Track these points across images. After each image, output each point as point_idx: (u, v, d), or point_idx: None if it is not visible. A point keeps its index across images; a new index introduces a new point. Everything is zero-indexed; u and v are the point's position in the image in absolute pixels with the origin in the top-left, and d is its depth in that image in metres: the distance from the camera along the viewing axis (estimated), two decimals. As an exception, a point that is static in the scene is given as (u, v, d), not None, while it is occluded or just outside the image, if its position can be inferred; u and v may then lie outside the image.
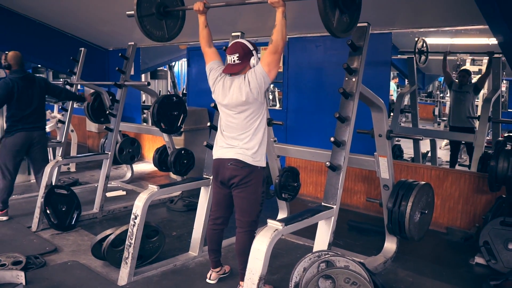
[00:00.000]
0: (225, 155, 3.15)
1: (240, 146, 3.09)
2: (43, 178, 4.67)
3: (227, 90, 3.08)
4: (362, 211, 5.38)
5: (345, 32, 2.85)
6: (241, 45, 3.02)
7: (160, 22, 3.70)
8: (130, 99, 8.15)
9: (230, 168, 3.11)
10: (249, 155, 3.08)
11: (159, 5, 3.65)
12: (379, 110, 3.46)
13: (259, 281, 2.61)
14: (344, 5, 2.69)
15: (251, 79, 2.97)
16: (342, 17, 2.76)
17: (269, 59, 2.94)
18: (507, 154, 3.92)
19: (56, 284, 3.43)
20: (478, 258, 3.96)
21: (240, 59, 3.00)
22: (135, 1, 3.48)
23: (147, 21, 3.60)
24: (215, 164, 3.25)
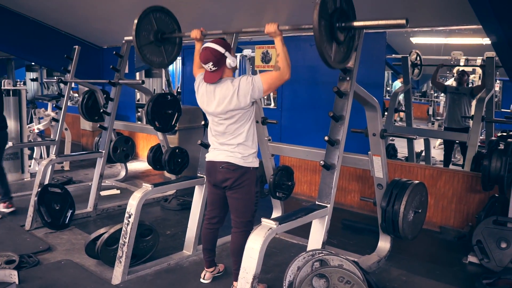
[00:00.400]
0: (217, 158, 3.14)
1: (231, 150, 3.09)
2: (37, 176, 4.66)
3: (211, 97, 3.07)
4: (356, 210, 5.39)
5: (343, 63, 2.88)
6: (212, 52, 2.96)
7: (158, 49, 3.81)
8: (124, 98, 8.12)
9: (222, 171, 3.11)
10: (240, 158, 3.08)
11: (157, 33, 3.75)
12: (373, 109, 3.47)
13: (253, 280, 2.61)
14: (339, 37, 2.71)
15: (243, 86, 2.94)
16: (340, 48, 2.79)
17: (273, 81, 2.96)
18: (500, 154, 3.94)
19: (49, 283, 3.41)
20: (471, 257, 3.98)
21: (215, 65, 2.98)
22: (133, 32, 3.54)
23: (147, 49, 3.71)
24: (207, 166, 3.26)
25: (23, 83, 13.05)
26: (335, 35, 2.68)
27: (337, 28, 2.67)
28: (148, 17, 3.69)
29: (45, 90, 12.73)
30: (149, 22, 3.70)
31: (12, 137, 6.42)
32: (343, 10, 2.73)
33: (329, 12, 2.62)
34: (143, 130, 5.96)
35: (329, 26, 2.64)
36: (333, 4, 2.66)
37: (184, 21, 3.83)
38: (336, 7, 2.68)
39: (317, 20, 2.50)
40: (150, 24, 3.70)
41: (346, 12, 2.75)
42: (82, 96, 6.17)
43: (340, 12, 2.70)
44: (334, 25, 2.65)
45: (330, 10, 2.63)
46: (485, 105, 5.71)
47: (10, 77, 12.37)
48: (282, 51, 2.90)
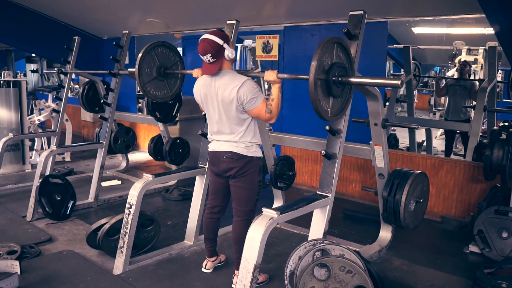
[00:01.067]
0: (220, 148, 3.14)
1: (234, 139, 3.09)
2: (37, 167, 4.66)
3: (211, 89, 3.07)
4: (358, 200, 5.39)
5: (340, 114, 2.86)
6: (210, 43, 2.93)
7: (162, 83, 3.80)
8: (125, 89, 8.10)
9: (225, 161, 3.11)
10: (244, 147, 3.09)
11: (159, 68, 3.74)
12: (374, 99, 3.45)
13: (254, 270, 2.61)
14: (336, 91, 2.68)
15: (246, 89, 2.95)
16: (337, 101, 2.76)
17: (259, 115, 3.02)
18: (502, 143, 3.93)
19: (51, 273, 3.42)
20: (473, 246, 3.98)
21: (214, 57, 2.96)
22: (136, 74, 3.54)
23: (150, 85, 3.71)
24: (210, 156, 3.26)
25: (23, 75, 13.02)
26: (331, 91, 2.63)
27: (333, 83, 2.61)
28: (150, 54, 3.72)
29: (45, 81, 12.71)
30: (151, 59, 3.72)
31: (12, 128, 6.44)
32: (340, 64, 2.66)
33: (325, 70, 2.57)
34: (144, 120, 5.95)
35: (325, 84, 2.60)
36: (330, 59, 2.60)
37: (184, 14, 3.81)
38: (333, 63, 2.61)
39: (313, 81, 2.47)
40: (152, 61, 3.72)
41: (342, 66, 2.68)
42: (82, 87, 6.15)
43: (337, 66, 2.63)
44: (330, 81, 2.59)
45: (326, 67, 2.57)
46: (487, 94, 5.68)
47: (10, 69, 12.33)
48: (277, 97, 2.96)
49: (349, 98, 2.88)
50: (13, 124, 6.47)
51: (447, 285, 3.41)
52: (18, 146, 6.51)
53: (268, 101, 2.98)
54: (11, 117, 6.45)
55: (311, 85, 2.47)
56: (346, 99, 2.86)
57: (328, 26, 5.40)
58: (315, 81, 2.47)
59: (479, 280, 3.12)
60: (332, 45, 2.61)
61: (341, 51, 2.70)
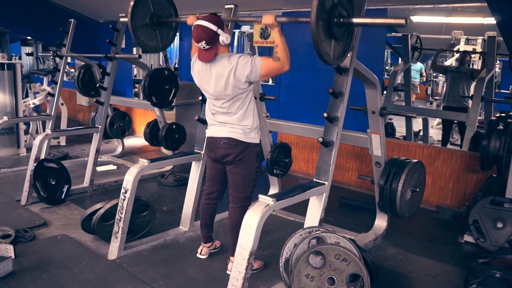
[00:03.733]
0: (218, 134, 3.12)
1: (232, 125, 3.07)
2: (32, 151, 4.62)
3: (208, 75, 3.02)
4: (354, 188, 5.38)
5: (341, 58, 2.83)
6: (204, 30, 2.88)
7: (153, 33, 3.74)
8: (121, 73, 8.04)
9: (223, 147, 3.09)
10: (242, 133, 3.06)
11: (153, 16, 3.66)
12: (373, 86, 3.42)
13: (250, 256, 2.61)
14: (338, 33, 2.63)
15: (241, 65, 2.89)
16: (339, 44, 2.72)
17: (272, 70, 2.93)
18: (499, 134, 3.92)
19: (45, 258, 3.41)
20: (467, 236, 3.99)
21: (208, 43, 2.90)
22: (129, 13, 3.46)
23: (141, 32, 3.64)
24: (208, 142, 3.23)
25: (18, 58, 12.90)
26: (333, 33, 2.58)
27: (335, 24, 2.56)
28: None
29: (40, 64, 12.59)
30: (146, 5, 3.64)
31: (7, 111, 6.38)
32: (342, 4, 2.60)
33: (327, 9, 2.51)
34: (140, 105, 5.91)
35: (327, 25, 2.54)
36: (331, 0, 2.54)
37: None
38: (334, 3, 2.55)
39: (314, 21, 2.39)
40: (147, 7, 3.64)
41: (344, 6, 2.63)
42: (78, 71, 6.08)
43: (339, 7, 2.58)
44: (332, 22, 2.53)
45: (328, 7, 2.51)
46: (485, 85, 5.67)
47: (5, 51, 12.21)
48: (280, 42, 2.85)
49: (351, 41, 2.83)
50: (7, 107, 6.40)
51: (441, 274, 3.42)
52: (12, 130, 6.45)
53: (273, 51, 2.90)
54: (5, 101, 6.38)
55: (312, 25, 2.40)
56: (348, 42, 2.81)
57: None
58: (316, 21, 2.40)
59: (473, 269, 3.13)
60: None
61: None
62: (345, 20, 2.59)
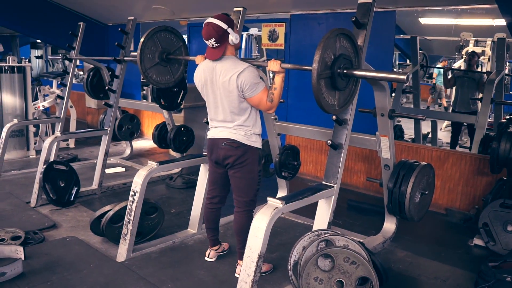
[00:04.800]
0: (219, 135, 3.11)
1: (234, 126, 3.06)
2: (42, 153, 4.65)
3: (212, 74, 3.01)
4: (362, 191, 5.36)
5: (346, 105, 2.86)
6: (214, 28, 2.88)
7: (165, 68, 3.77)
8: (129, 76, 8.05)
9: (224, 148, 3.08)
10: (243, 135, 3.05)
11: (162, 53, 3.71)
12: (381, 89, 3.41)
13: (259, 259, 2.60)
14: (341, 84, 2.66)
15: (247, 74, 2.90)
16: (343, 93, 2.75)
17: (259, 104, 2.99)
18: (510, 136, 3.89)
19: (55, 259, 3.43)
20: (477, 239, 3.96)
21: (217, 41, 2.91)
22: (138, 59, 3.51)
23: (152, 71, 3.68)
24: (209, 143, 3.22)
25: (28, 61, 13.00)
26: (336, 86, 2.62)
27: (338, 75, 2.59)
28: (152, 39, 3.70)
29: (50, 67, 12.68)
30: (154, 44, 3.69)
31: (17, 114, 6.43)
32: (344, 56, 2.63)
33: (329, 65, 2.53)
34: (149, 108, 5.93)
35: (330, 80, 2.58)
36: (333, 54, 2.56)
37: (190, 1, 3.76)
38: (336, 56, 2.57)
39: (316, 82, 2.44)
40: (154, 46, 3.68)
41: (347, 57, 2.65)
42: (87, 74, 6.13)
43: (341, 59, 2.60)
44: (335, 75, 2.56)
45: (329, 62, 2.53)
46: (495, 87, 5.63)
47: (15, 54, 12.31)
48: (280, 87, 2.92)
49: (356, 89, 2.85)
50: (17, 110, 6.45)
51: (451, 278, 3.40)
52: (22, 132, 6.51)
53: (270, 90, 2.94)
54: (15, 103, 6.44)
55: (314, 85, 2.47)
56: (352, 90, 2.83)
57: (336, 14, 5.34)
58: (317, 81, 2.45)
59: (483, 273, 3.10)
60: (334, 39, 2.58)
61: (345, 41, 2.66)
62: (348, 72, 2.63)
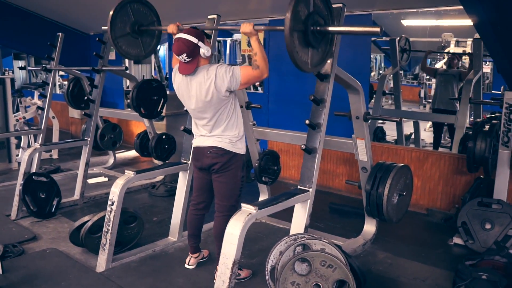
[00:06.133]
0: (204, 143, 3.13)
1: (218, 135, 3.08)
2: (21, 165, 4.63)
3: (188, 89, 3.03)
4: (344, 194, 5.38)
5: (321, 64, 2.84)
6: (184, 43, 2.90)
7: (135, 41, 3.72)
8: (112, 84, 8.08)
9: (210, 156, 3.10)
10: (228, 142, 3.07)
11: (134, 24, 3.66)
12: (355, 92, 3.44)
13: (233, 265, 2.61)
14: (316, 41, 2.64)
15: (220, 75, 2.90)
16: (317, 51, 2.73)
17: (251, 78, 2.95)
18: (485, 135, 3.93)
19: (33, 272, 3.40)
20: (456, 238, 3.99)
21: (189, 56, 2.92)
22: (108, 25, 3.47)
23: (123, 41, 3.62)
24: (194, 152, 3.24)
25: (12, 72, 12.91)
26: (310, 42, 2.59)
27: (311, 32, 2.56)
28: (125, 8, 3.63)
29: (33, 78, 12.59)
30: (126, 14, 3.64)
31: (-3, 126, 6.38)
32: (318, 12, 2.61)
33: (302, 19, 2.51)
34: (130, 117, 5.91)
35: (303, 35, 2.55)
36: (306, 9, 2.53)
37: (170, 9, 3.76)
38: (310, 12, 2.55)
39: (288, 34, 2.40)
40: (127, 16, 3.64)
41: (321, 15, 2.63)
42: (67, 84, 6.10)
43: (315, 15, 2.57)
44: (309, 31, 2.54)
45: (303, 17, 2.51)
46: (473, 86, 5.69)
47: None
48: (259, 49, 2.86)
49: (330, 49, 2.84)
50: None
51: (430, 278, 3.42)
52: (3, 144, 6.47)
53: (252, 59, 2.92)
54: (-5, 115, 6.40)
55: (286, 37, 2.41)
56: (326, 51, 2.82)
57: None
58: (291, 32, 2.42)
59: (460, 272, 3.13)
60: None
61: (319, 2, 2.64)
62: (321, 28, 2.61)
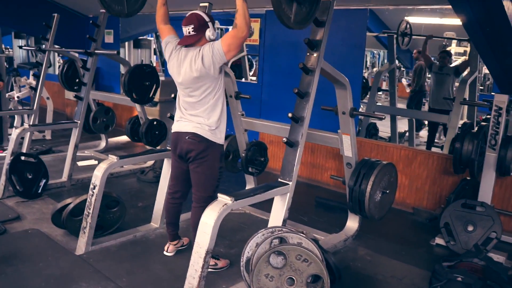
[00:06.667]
0: (183, 129, 3.12)
1: (198, 121, 3.07)
2: (9, 145, 4.63)
3: (181, 65, 3.03)
4: (332, 188, 5.37)
5: (304, 23, 2.80)
6: (196, 16, 2.97)
7: None
8: (109, 68, 8.07)
9: (187, 142, 3.09)
10: (207, 130, 3.06)
11: None
12: (342, 87, 3.41)
13: (206, 255, 2.61)
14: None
15: (205, 53, 2.92)
16: (301, 8, 2.69)
17: (231, 41, 2.89)
18: (472, 137, 3.91)
19: (13, 252, 3.41)
20: (439, 239, 3.98)
21: (195, 30, 2.96)
22: None
23: None
24: (173, 137, 3.23)
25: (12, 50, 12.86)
26: None
27: None
28: None
29: (32, 58, 12.54)
30: None
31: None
32: None
33: None
34: (122, 101, 5.89)
35: None
36: None
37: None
38: None
39: None
40: None
41: None
42: (62, 65, 6.08)
43: None
44: None
45: None
46: (468, 87, 5.66)
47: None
48: (241, 7, 2.79)
49: (315, 8, 2.82)
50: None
51: (407, 277, 3.41)
52: (-5, 123, 6.45)
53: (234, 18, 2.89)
54: (-14, 94, 6.38)
55: None
56: (312, 8, 2.79)
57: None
58: None
59: (436, 272, 3.12)
60: None
61: None
62: None
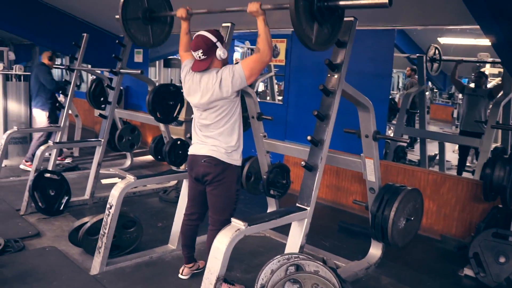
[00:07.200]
0: (199, 152, 3.07)
1: (214, 143, 3.01)
2: (33, 162, 4.69)
3: (197, 87, 2.98)
4: (357, 213, 5.19)
5: (326, 45, 2.74)
6: (203, 39, 2.89)
7: (145, 27, 3.70)
8: (138, 87, 8.17)
9: (203, 165, 3.03)
10: (223, 153, 3.00)
11: (146, 10, 3.64)
12: (365, 109, 3.31)
13: (217, 282, 2.52)
14: (322, 17, 2.55)
15: (224, 76, 2.86)
16: (323, 29, 2.63)
17: (253, 65, 2.85)
18: (504, 162, 3.72)
19: (28, 269, 3.40)
20: (468, 269, 3.77)
21: (205, 54, 2.89)
22: (120, 4, 3.47)
23: (132, 25, 3.60)
24: (189, 160, 3.18)
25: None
26: (315, 15, 2.51)
27: (317, 6, 2.50)
28: None
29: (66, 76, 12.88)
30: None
31: (21, 121, 6.51)
32: None
33: None
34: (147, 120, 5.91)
35: (309, 6, 2.48)
36: None
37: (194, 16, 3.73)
38: None
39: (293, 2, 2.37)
40: (141, 1, 3.62)
41: None
42: (90, 84, 6.18)
43: None
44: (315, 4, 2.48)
45: None
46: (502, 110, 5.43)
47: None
48: (263, 31, 2.78)
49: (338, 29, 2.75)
50: (22, 117, 6.54)
51: (432, 309, 3.24)
52: (26, 139, 6.58)
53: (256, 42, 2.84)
54: (20, 111, 6.53)
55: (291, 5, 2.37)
56: (334, 29, 2.73)
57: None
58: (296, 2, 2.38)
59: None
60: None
61: None
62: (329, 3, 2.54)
